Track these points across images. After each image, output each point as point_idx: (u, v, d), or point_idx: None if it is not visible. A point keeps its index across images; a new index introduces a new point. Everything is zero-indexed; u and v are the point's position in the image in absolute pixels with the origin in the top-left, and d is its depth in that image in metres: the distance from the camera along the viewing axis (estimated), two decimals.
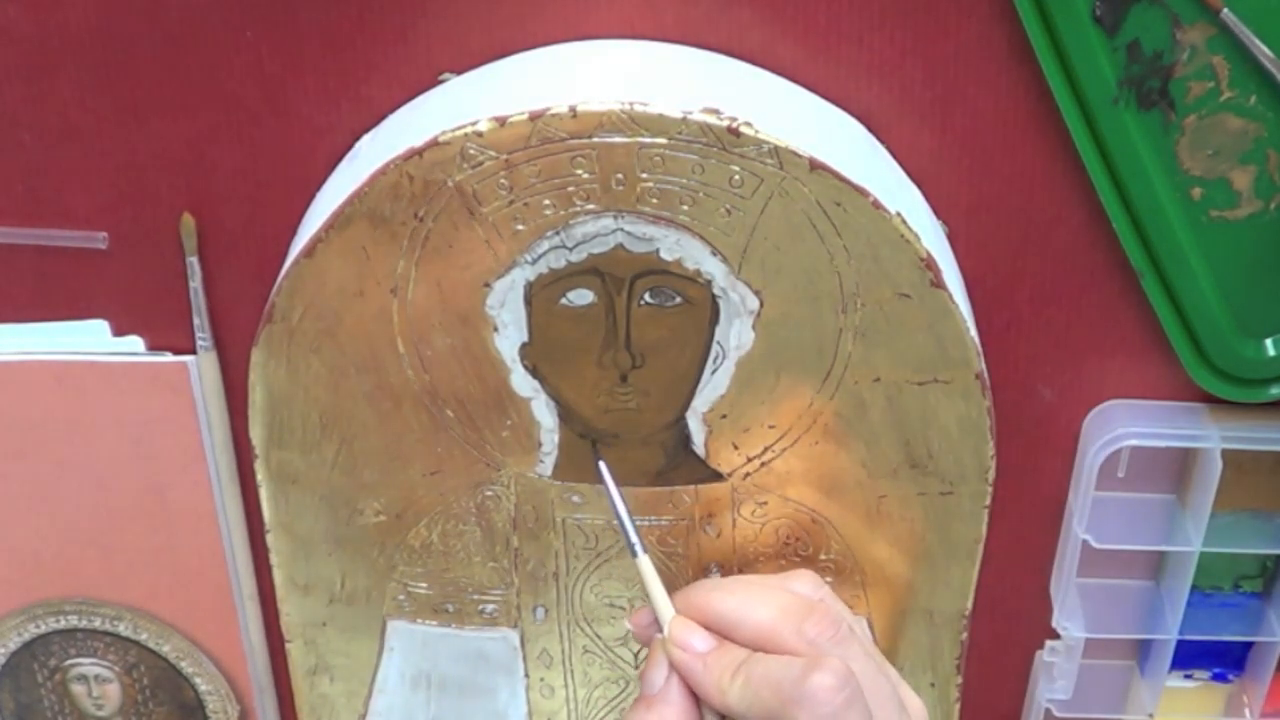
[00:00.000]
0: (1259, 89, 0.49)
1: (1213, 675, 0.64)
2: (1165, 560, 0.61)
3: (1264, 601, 0.61)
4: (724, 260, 0.49)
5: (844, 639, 0.47)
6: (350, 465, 0.54)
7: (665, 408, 0.52)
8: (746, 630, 0.47)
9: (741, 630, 0.47)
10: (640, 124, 0.46)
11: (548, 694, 0.60)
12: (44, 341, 0.56)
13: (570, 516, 0.55)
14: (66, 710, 0.65)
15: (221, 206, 0.53)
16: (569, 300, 0.50)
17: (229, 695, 0.64)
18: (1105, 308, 0.54)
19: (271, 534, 0.55)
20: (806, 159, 0.46)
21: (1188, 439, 0.56)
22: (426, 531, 0.55)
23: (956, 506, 0.54)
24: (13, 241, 0.54)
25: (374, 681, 0.59)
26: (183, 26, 0.49)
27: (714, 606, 0.48)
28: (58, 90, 0.51)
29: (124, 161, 0.52)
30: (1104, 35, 0.48)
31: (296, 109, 0.51)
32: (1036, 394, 0.56)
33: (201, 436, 0.57)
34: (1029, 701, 0.64)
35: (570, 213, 0.48)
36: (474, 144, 0.46)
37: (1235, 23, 0.47)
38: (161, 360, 0.56)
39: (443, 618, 0.58)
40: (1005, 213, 0.52)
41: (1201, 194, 0.51)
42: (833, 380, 0.51)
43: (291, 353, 0.51)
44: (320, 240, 0.49)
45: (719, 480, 0.54)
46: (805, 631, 0.47)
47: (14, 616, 0.62)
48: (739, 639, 0.47)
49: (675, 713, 0.48)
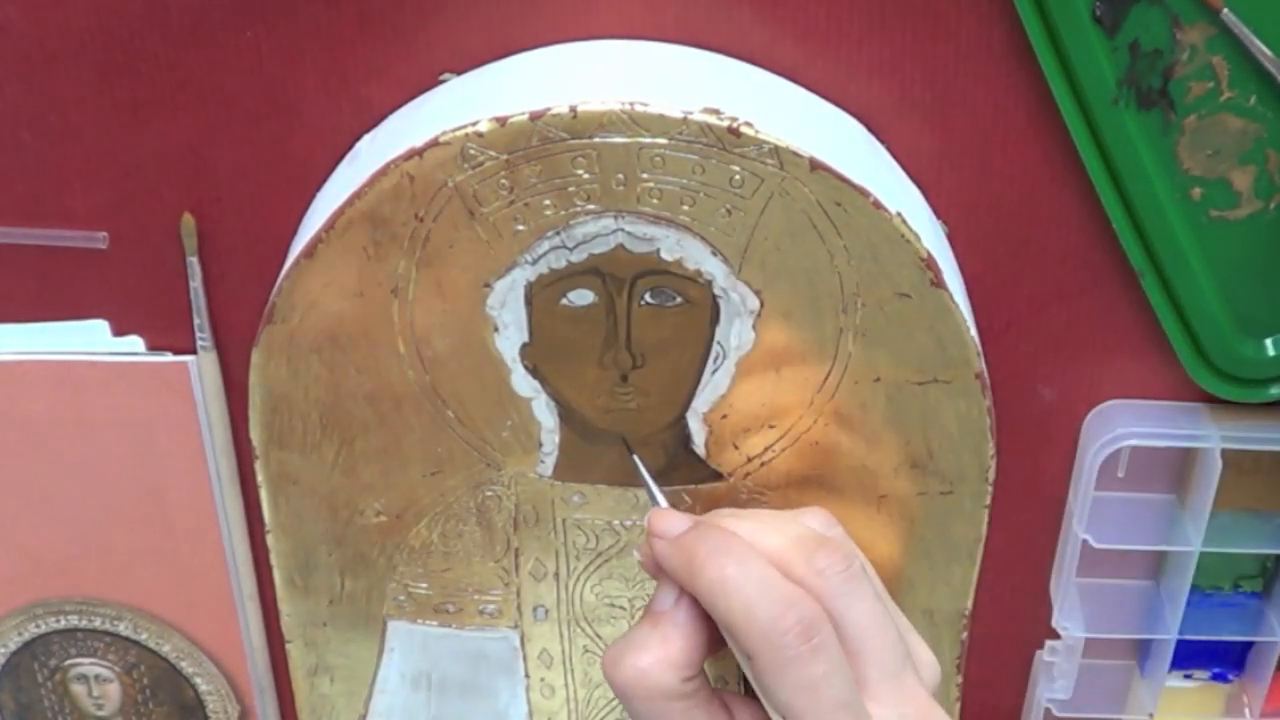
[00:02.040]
0: (1259, 89, 0.49)
1: (1212, 675, 0.64)
2: (1165, 560, 0.61)
3: (1264, 601, 0.61)
4: (724, 260, 0.49)
5: (855, 576, 0.46)
6: (350, 465, 0.54)
7: (666, 408, 0.52)
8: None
9: None
10: (641, 124, 0.46)
11: (548, 694, 0.60)
12: (44, 341, 0.56)
13: (570, 516, 0.55)
14: (66, 710, 0.65)
15: (221, 206, 0.53)
16: (569, 300, 0.50)
17: (229, 695, 0.64)
18: (1105, 308, 0.54)
19: (271, 534, 0.55)
20: (807, 159, 0.46)
21: (1188, 439, 0.56)
22: (427, 532, 0.55)
23: (956, 506, 0.54)
24: (13, 241, 0.54)
25: (374, 682, 0.59)
26: (183, 26, 0.49)
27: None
28: (58, 90, 0.51)
29: (124, 161, 0.52)
30: (1104, 35, 0.48)
31: (296, 109, 0.51)
32: (1036, 394, 0.56)
33: (201, 436, 0.57)
34: (1029, 701, 0.64)
35: (571, 213, 0.48)
36: (474, 144, 0.46)
37: (1235, 23, 0.47)
38: (161, 360, 0.56)
39: (443, 618, 0.58)
40: (1005, 213, 0.52)
41: (1201, 194, 0.51)
42: (833, 380, 0.51)
43: (292, 353, 0.51)
44: (320, 240, 0.49)
45: (719, 480, 0.54)
46: (816, 561, 0.45)
47: (14, 616, 0.62)
48: None
49: (680, 635, 0.46)
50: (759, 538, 0.46)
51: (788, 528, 0.47)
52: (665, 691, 0.45)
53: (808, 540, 0.46)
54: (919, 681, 0.46)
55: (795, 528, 0.47)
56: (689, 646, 0.46)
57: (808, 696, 0.43)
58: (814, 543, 0.46)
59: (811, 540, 0.46)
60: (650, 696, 0.45)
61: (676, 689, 0.45)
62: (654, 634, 0.46)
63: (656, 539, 0.47)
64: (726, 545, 0.45)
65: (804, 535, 0.47)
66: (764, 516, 0.49)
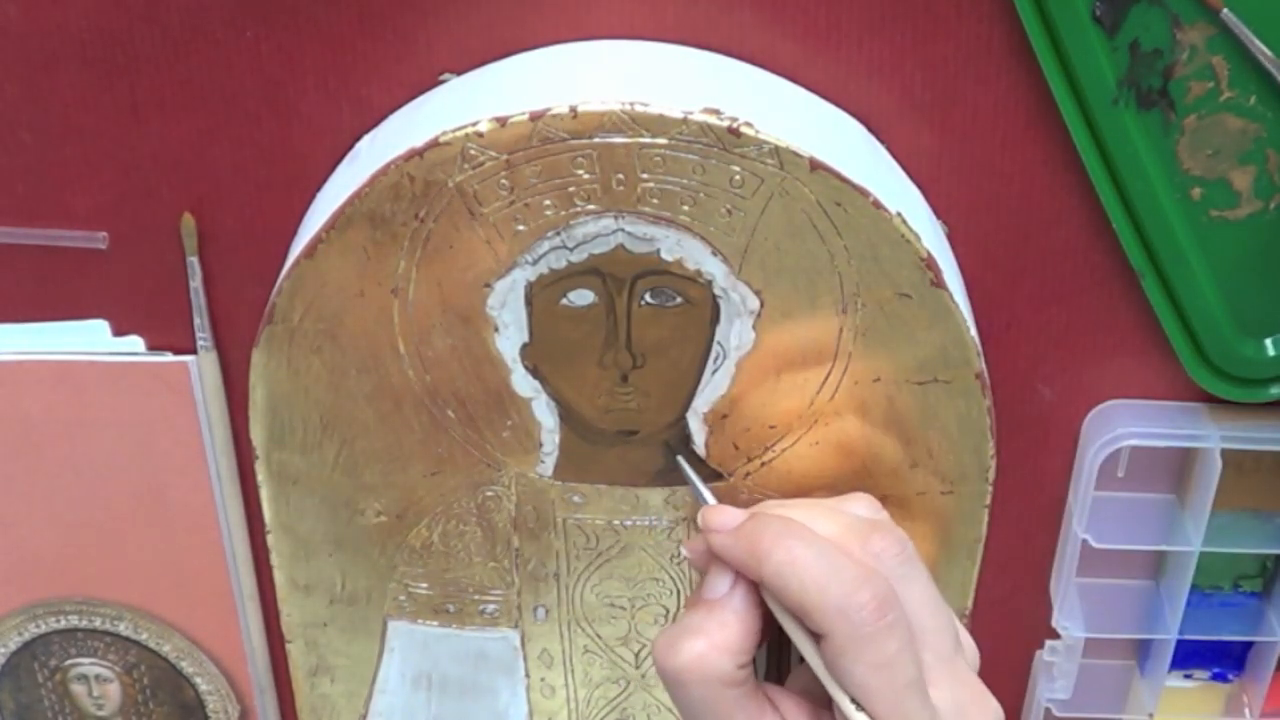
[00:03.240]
0: (1259, 89, 0.49)
1: (1212, 675, 0.64)
2: (1165, 560, 0.61)
3: (1264, 601, 0.61)
4: (724, 260, 0.49)
5: (909, 559, 0.45)
6: (351, 466, 0.54)
7: (666, 408, 0.52)
8: None
9: None
10: (641, 124, 0.46)
11: (548, 694, 0.60)
12: (44, 341, 0.56)
13: (571, 516, 0.55)
14: (67, 710, 0.65)
15: (221, 206, 0.53)
16: (570, 300, 0.50)
17: (229, 695, 0.64)
18: (1105, 308, 0.54)
19: (272, 534, 0.55)
20: (807, 159, 0.46)
21: (1187, 439, 0.56)
22: (427, 532, 0.55)
23: (956, 506, 0.54)
24: (13, 241, 0.54)
25: (374, 682, 0.59)
26: (183, 26, 0.49)
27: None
28: (58, 90, 0.51)
29: (124, 161, 0.52)
30: (1104, 35, 0.48)
31: (296, 109, 0.51)
32: (1036, 394, 0.56)
33: (201, 436, 0.57)
34: (1029, 701, 0.64)
35: (571, 213, 0.48)
36: (474, 144, 0.46)
37: (1235, 23, 0.47)
38: (161, 360, 0.56)
39: (443, 618, 0.58)
40: (1005, 213, 0.52)
41: (1201, 194, 0.51)
42: (833, 380, 0.51)
43: (292, 353, 0.51)
44: (321, 241, 0.49)
45: (720, 480, 0.54)
46: (871, 545, 0.45)
47: (14, 616, 0.62)
48: None
49: (737, 620, 0.45)
50: (812, 525, 0.46)
51: (838, 515, 0.47)
52: (722, 677, 0.45)
53: (860, 525, 0.46)
54: (969, 666, 0.46)
55: (844, 516, 0.47)
56: (745, 632, 0.45)
57: (884, 674, 0.42)
58: (867, 527, 0.46)
59: (864, 525, 0.46)
60: (706, 681, 0.45)
61: (732, 675, 0.45)
62: (710, 619, 0.45)
63: (714, 534, 0.46)
64: (790, 529, 0.45)
65: (855, 521, 0.47)
66: (813, 505, 0.48)
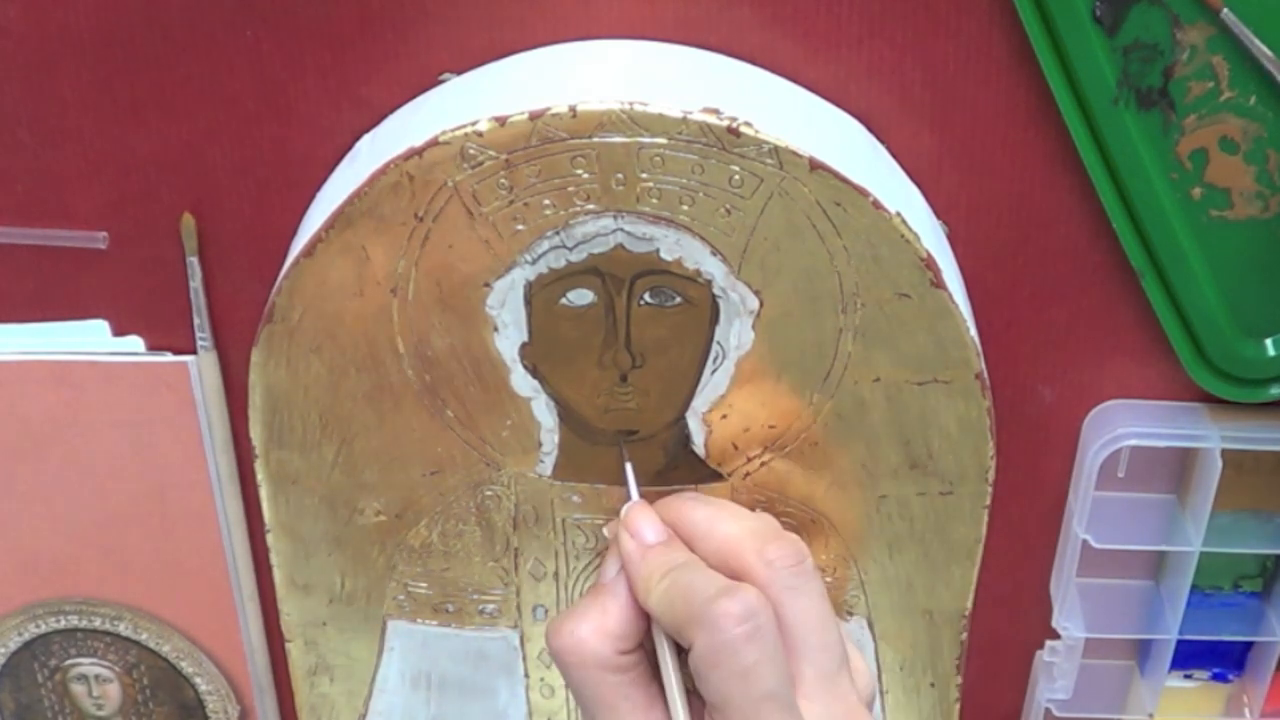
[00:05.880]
0: (1259, 89, 0.49)
1: (1212, 675, 0.64)
2: (1165, 560, 0.61)
3: (1264, 601, 0.61)
4: (724, 260, 0.49)
5: (804, 572, 0.45)
6: (350, 465, 0.54)
7: (665, 408, 0.52)
8: (712, 542, 0.46)
9: (707, 541, 0.47)
10: (640, 124, 0.46)
11: (548, 694, 0.60)
12: (44, 341, 0.56)
13: (570, 516, 0.55)
14: (66, 710, 0.65)
15: (221, 206, 0.53)
16: (569, 300, 0.50)
17: (229, 695, 0.64)
18: (1105, 308, 0.54)
19: (271, 534, 0.55)
20: (806, 159, 0.46)
21: (1188, 439, 0.56)
22: (426, 531, 0.55)
23: (956, 506, 0.54)
24: (13, 241, 0.54)
25: (374, 681, 0.59)
26: (183, 26, 0.49)
27: (686, 514, 0.48)
28: (58, 90, 0.51)
29: (124, 161, 0.52)
30: (1104, 35, 0.48)
31: (296, 109, 0.51)
32: (1036, 394, 0.56)
33: (201, 436, 0.57)
34: (1029, 701, 0.64)
35: (570, 213, 0.48)
36: (474, 144, 0.46)
37: (1235, 23, 0.47)
38: (161, 360, 0.56)
39: (443, 618, 0.58)
40: (1005, 213, 0.52)
41: (1201, 194, 0.51)
42: (833, 380, 0.51)
43: (291, 353, 0.51)
44: (320, 240, 0.49)
45: (719, 480, 0.54)
46: (767, 553, 0.45)
47: (14, 616, 0.62)
48: (702, 550, 0.46)
49: (618, 607, 0.46)
50: (715, 524, 0.47)
51: (746, 519, 0.48)
52: (600, 661, 0.45)
53: (763, 532, 0.47)
54: (853, 687, 0.46)
55: (753, 520, 0.48)
56: (626, 618, 0.46)
57: (739, 684, 0.42)
58: (769, 535, 0.46)
59: (767, 532, 0.47)
60: (584, 665, 0.45)
61: (611, 660, 0.45)
62: (594, 604, 0.46)
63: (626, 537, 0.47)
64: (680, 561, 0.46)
65: (760, 528, 0.47)
66: (726, 505, 0.49)
